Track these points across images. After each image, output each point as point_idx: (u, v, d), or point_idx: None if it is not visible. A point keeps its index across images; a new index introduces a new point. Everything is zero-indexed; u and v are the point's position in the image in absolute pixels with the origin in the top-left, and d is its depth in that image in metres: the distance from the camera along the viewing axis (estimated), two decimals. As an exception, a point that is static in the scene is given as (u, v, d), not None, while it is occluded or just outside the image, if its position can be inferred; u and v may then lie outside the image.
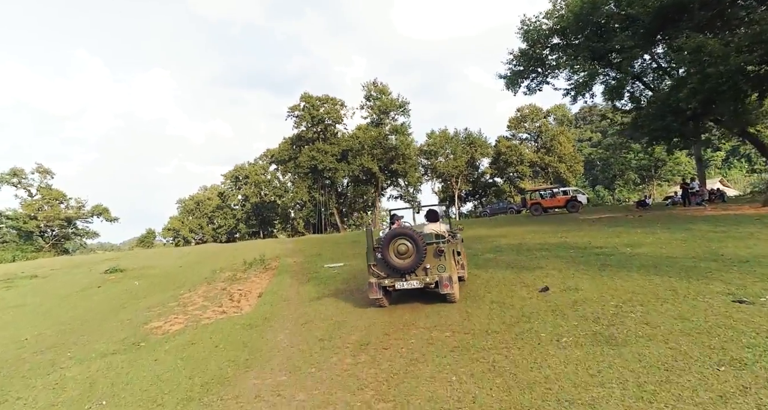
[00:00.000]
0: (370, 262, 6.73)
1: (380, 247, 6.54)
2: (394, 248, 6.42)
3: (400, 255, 6.40)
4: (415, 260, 6.30)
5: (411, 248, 6.34)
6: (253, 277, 11.49)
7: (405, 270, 6.39)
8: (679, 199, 24.80)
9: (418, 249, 6.28)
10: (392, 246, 6.43)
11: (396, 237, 6.43)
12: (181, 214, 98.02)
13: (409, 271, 6.40)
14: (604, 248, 9.76)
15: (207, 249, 24.34)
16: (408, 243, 6.36)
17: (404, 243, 6.38)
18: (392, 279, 6.51)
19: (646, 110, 17.31)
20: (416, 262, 6.31)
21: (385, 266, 6.49)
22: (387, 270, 6.51)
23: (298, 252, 17.79)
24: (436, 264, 6.39)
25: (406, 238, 6.37)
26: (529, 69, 22.28)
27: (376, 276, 6.60)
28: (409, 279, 6.45)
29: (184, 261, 17.85)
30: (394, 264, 6.39)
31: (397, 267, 6.39)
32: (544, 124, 64.43)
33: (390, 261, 6.39)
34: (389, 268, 6.46)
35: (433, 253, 6.40)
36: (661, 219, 15.67)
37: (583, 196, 31.87)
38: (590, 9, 17.91)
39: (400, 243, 6.40)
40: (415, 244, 6.30)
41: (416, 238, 6.31)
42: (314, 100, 52.20)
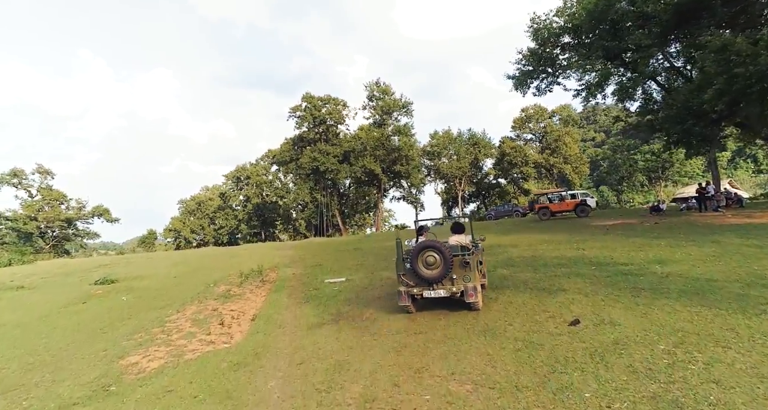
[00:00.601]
0: (399, 272, 7.14)
1: (409, 258, 6.95)
2: (423, 259, 6.80)
3: (428, 265, 6.78)
4: (443, 271, 6.69)
5: (438, 259, 6.73)
6: (248, 293, 10.71)
7: (433, 280, 6.80)
8: (694, 204, 23.91)
9: (445, 260, 6.67)
10: (421, 257, 6.81)
11: (425, 249, 6.82)
12: (183, 215, 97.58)
13: (436, 281, 6.80)
14: (630, 265, 8.93)
15: (205, 254, 23.57)
16: (436, 255, 6.74)
17: (432, 254, 6.76)
18: (420, 288, 6.93)
19: (665, 112, 16.42)
20: (443, 273, 6.70)
21: (414, 276, 6.91)
22: (415, 279, 6.93)
23: (297, 261, 17.01)
24: (461, 274, 6.79)
25: (434, 250, 6.76)
26: (539, 69, 21.42)
27: (405, 285, 7.03)
28: (436, 288, 6.86)
29: (179, 270, 17.08)
30: (423, 275, 6.79)
31: (425, 277, 6.79)
32: (549, 124, 63.52)
33: (419, 272, 6.80)
34: (418, 278, 6.87)
35: (459, 264, 6.79)
36: (681, 228, 14.82)
37: (591, 199, 30.98)
38: (604, 6, 17.04)
39: (428, 255, 6.78)
40: (442, 256, 6.69)
41: (443, 250, 6.69)
42: (316, 101, 51.44)
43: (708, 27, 15.25)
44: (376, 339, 5.99)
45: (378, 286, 9.87)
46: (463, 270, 6.80)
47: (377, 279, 10.87)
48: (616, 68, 18.80)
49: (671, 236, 12.77)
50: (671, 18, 16.57)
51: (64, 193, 68.09)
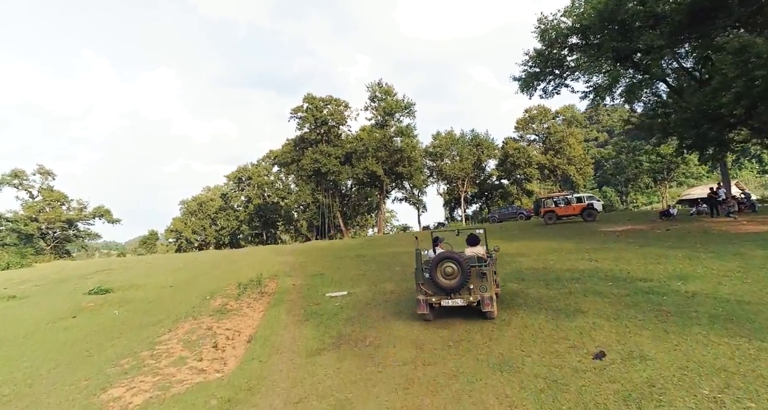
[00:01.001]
0: (419, 281, 7.43)
1: (428, 268, 7.27)
2: (442, 270, 7.11)
3: (446, 276, 7.08)
4: (460, 281, 7.00)
5: (457, 270, 7.03)
6: (245, 307, 10.21)
7: (451, 290, 7.09)
8: (705, 209, 23.33)
9: (463, 271, 6.98)
10: (440, 267, 7.12)
11: (443, 260, 7.13)
12: (184, 215, 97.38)
13: (454, 291, 7.09)
14: (649, 281, 8.39)
15: (204, 260, 23.07)
16: (454, 266, 7.04)
17: (450, 265, 7.07)
18: (439, 297, 7.22)
19: (678, 115, 15.82)
20: (461, 283, 7.01)
21: (433, 285, 7.22)
22: (434, 288, 7.22)
23: (298, 268, 16.52)
24: (478, 284, 7.08)
25: (453, 261, 7.07)
26: (546, 71, 20.84)
27: (424, 294, 7.31)
28: (454, 297, 7.14)
29: (176, 278, 16.59)
30: (442, 284, 7.10)
31: (444, 286, 7.09)
32: (553, 125, 62.88)
33: (438, 282, 7.11)
34: (436, 287, 7.17)
35: (476, 275, 7.08)
36: (696, 237, 14.26)
37: (598, 202, 30.42)
38: (614, 6, 16.47)
39: (446, 266, 7.09)
40: (460, 267, 6.99)
41: (462, 262, 7.01)
42: (317, 101, 50.93)
43: (724, 27, 14.69)
44: (381, 372, 5.47)
45: (381, 302, 9.36)
46: (479, 280, 7.09)
47: (380, 292, 10.36)
48: (626, 70, 18.22)
49: (687, 246, 12.22)
50: (684, 18, 16.00)
51: (65, 194, 67.83)
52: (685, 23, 16.23)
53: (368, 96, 52.72)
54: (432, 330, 6.94)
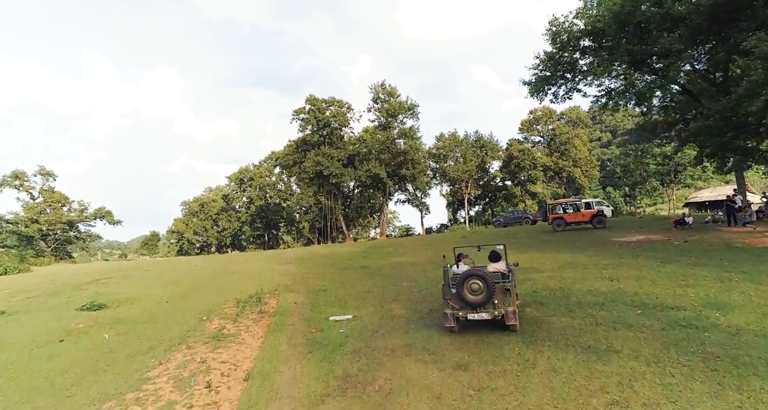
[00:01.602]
0: (446, 297, 7.92)
1: (455, 284, 7.71)
2: (468, 286, 7.56)
3: (473, 292, 7.55)
4: (486, 296, 7.47)
5: (482, 286, 7.49)
6: (243, 332, 9.53)
7: (477, 305, 7.55)
8: (720, 216, 22.56)
9: (488, 287, 7.45)
10: (466, 284, 7.57)
11: (470, 277, 7.59)
12: (186, 216, 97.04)
13: (480, 305, 7.54)
14: (682, 310, 7.69)
15: (202, 270, 22.36)
16: (480, 282, 7.51)
17: (477, 281, 7.53)
18: (465, 311, 7.67)
19: (698, 122, 15.03)
20: (487, 298, 7.48)
21: (459, 300, 7.68)
22: (460, 303, 7.69)
23: (299, 281, 15.85)
24: (502, 299, 7.53)
25: (479, 278, 7.53)
26: (557, 74, 20.08)
27: (451, 309, 7.78)
28: (479, 311, 7.57)
29: (173, 292, 15.93)
30: (468, 299, 7.57)
31: (470, 301, 7.57)
32: (558, 126, 62.06)
33: (465, 297, 7.59)
34: (463, 302, 7.65)
35: (500, 291, 7.55)
36: (719, 252, 13.53)
37: (607, 208, 29.64)
38: (631, 8, 15.72)
39: (473, 282, 7.55)
40: (486, 283, 7.47)
41: (487, 278, 7.51)
42: (320, 103, 50.25)
43: (747, 30, 13.94)
44: None
45: (389, 329, 8.67)
46: (503, 296, 7.56)
47: (387, 316, 9.67)
48: (642, 74, 17.44)
49: (713, 264, 11.49)
50: (703, 20, 15.26)
51: (65, 195, 67.36)
52: (704, 26, 15.48)
53: (371, 97, 52.08)
54: (448, 372, 6.24)
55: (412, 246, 26.42)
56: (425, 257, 19.38)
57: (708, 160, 16.49)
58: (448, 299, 7.85)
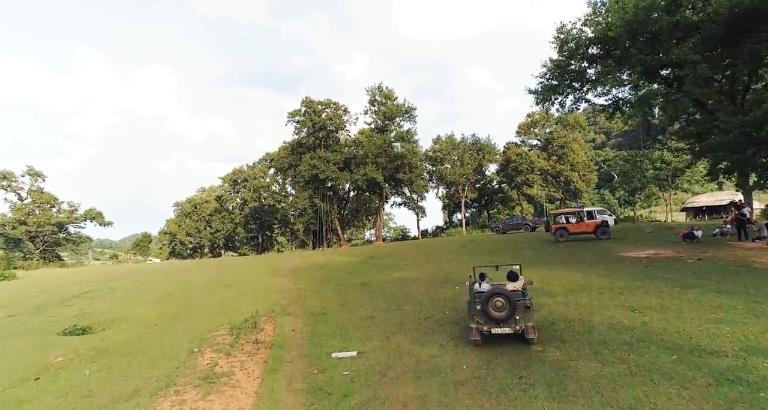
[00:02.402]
0: (471, 313, 8.63)
1: (480, 301, 8.46)
2: (492, 303, 8.29)
3: (497, 309, 8.26)
4: (509, 313, 8.21)
5: (505, 304, 8.22)
6: (238, 370, 8.72)
7: (500, 320, 8.27)
8: (729, 229, 22.01)
9: (511, 304, 8.19)
10: (491, 301, 8.30)
11: (494, 296, 8.33)
12: (178, 217, 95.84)
13: (503, 321, 8.26)
14: (723, 356, 6.98)
15: (194, 284, 21.41)
16: (503, 300, 8.24)
17: (500, 299, 8.27)
18: (489, 326, 8.38)
19: (718, 138, 14.37)
20: (510, 314, 8.22)
21: (484, 315, 8.41)
22: (485, 318, 8.40)
23: (297, 301, 15.05)
24: (523, 316, 8.26)
25: (502, 296, 8.29)
26: (564, 83, 19.38)
27: (476, 324, 8.46)
28: (503, 326, 8.29)
29: (162, 311, 15.09)
30: (493, 315, 8.30)
31: (494, 317, 8.29)
32: (556, 130, 61.56)
33: (490, 313, 8.32)
34: (487, 317, 8.37)
35: (521, 307, 8.27)
36: (740, 273, 12.92)
37: (610, 217, 29.09)
38: (645, 16, 15.04)
39: (496, 299, 8.29)
40: (509, 301, 8.21)
41: (510, 297, 8.28)
42: (316, 105, 49.34)
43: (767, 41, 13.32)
44: None
45: (399, 372, 7.90)
46: (524, 312, 8.30)
47: (395, 353, 8.90)
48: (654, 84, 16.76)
49: (738, 290, 10.83)
50: (720, 30, 14.62)
51: (55, 196, 65.99)
52: (720, 35, 14.85)
53: (368, 99, 51.25)
54: None
55: (411, 256, 25.67)
56: (427, 272, 18.65)
57: (724, 175, 15.77)
58: (473, 315, 8.58)
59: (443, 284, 15.64)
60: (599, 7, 18.65)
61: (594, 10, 18.33)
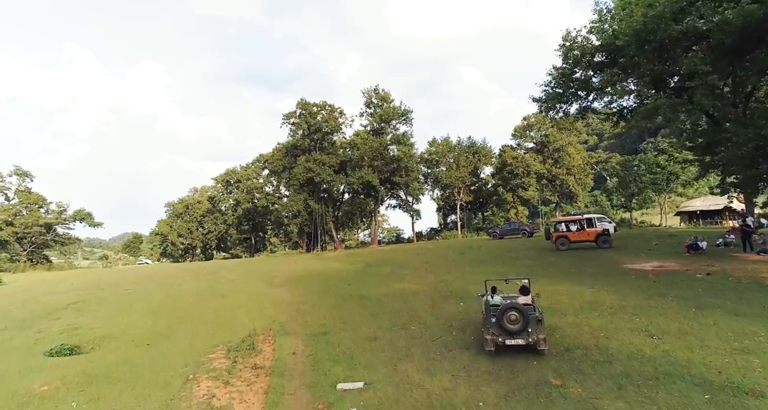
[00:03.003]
0: (488, 325, 9.09)
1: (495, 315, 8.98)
2: (507, 316, 8.81)
3: (511, 321, 8.79)
4: (523, 325, 8.73)
5: (519, 317, 8.76)
6: (237, 404, 8.17)
7: (514, 333, 8.78)
8: (732, 240, 21.73)
9: (524, 318, 8.72)
10: (506, 315, 8.82)
11: (509, 310, 8.87)
12: (170, 218, 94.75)
13: (517, 333, 8.77)
14: (761, 398, 6.55)
15: (186, 293, 20.76)
16: (517, 314, 8.78)
17: (514, 313, 8.81)
18: (504, 337, 8.87)
19: (731, 152, 13.99)
20: (523, 327, 8.73)
21: (499, 328, 8.91)
22: (499, 330, 8.90)
23: (295, 317, 14.52)
24: (535, 328, 8.76)
25: (516, 310, 8.83)
26: (569, 92, 18.96)
27: (491, 335, 8.96)
28: (516, 338, 8.79)
29: (155, 326, 14.48)
30: (507, 328, 8.81)
31: (509, 330, 8.80)
32: (552, 133, 61.38)
33: (504, 326, 8.84)
34: (501, 330, 8.88)
35: (533, 321, 8.78)
36: (752, 290, 12.61)
37: (609, 224, 28.76)
38: (654, 25, 14.65)
39: (511, 313, 8.82)
40: (522, 315, 8.75)
41: (524, 311, 8.79)
42: (311, 107, 48.72)
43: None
44: None
45: (411, 409, 7.40)
46: (536, 325, 8.85)
47: (404, 384, 8.39)
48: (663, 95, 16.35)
49: (757, 313, 10.46)
50: (732, 40, 14.27)
51: (43, 197, 64.69)
52: (731, 46, 14.51)
53: (364, 101, 50.72)
54: None
55: (409, 264, 25.20)
56: (428, 284, 18.16)
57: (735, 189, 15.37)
58: (488, 327, 9.09)
59: (446, 299, 15.17)
60: (605, 14, 18.29)
61: (600, 17, 17.96)
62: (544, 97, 19.64)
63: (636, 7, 15.45)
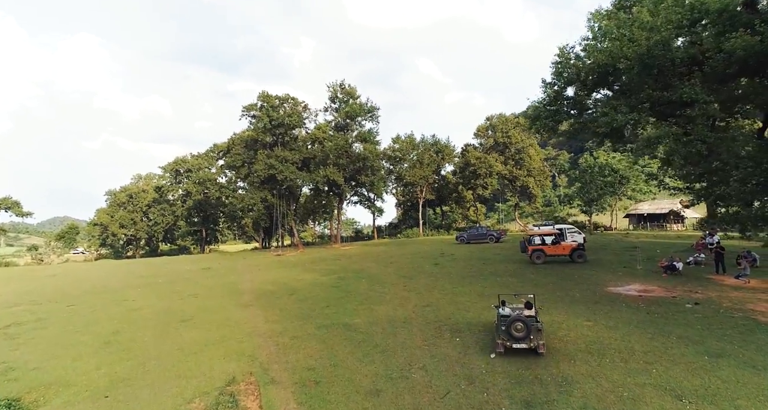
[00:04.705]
0: (499, 332, 11.42)
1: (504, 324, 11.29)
2: (514, 326, 11.14)
3: (517, 330, 11.10)
4: (526, 333, 11.05)
5: (523, 327, 11.10)
6: None
7: (519, 339, 11.07)
8: (702, 259, 22.30)
9: (528, 328, 11.08)
10: (513, 325, 11.16)
11: (515, 321, 11.19)
12: (111, 207, 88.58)
13: (521, 339, 11.07)
14: None
15: (143, 314, 18.64)
16: (522, 324, 11.12)
17: (520, 323, 11.14)
18: (511, 342, 11.16)
19: (731, 187, 13.84)
20: (526, 335, 11.04)
21: (507, 334, 11.17)
22: (507, 336, 11.17)
23: (278, 354, 13.04)
24: (536, 335, 11.09)
25: (521, 322, 11.16)
26: (563, 110, 18.42)
27: (501, 340, 11.24)
28: (521, 343, 11.08)
29: (112, 370, 12.53)
30: (514, 335, 11.10)
31: (515, 337, 11.09)
32: (514, 135, 62.09)
33: (512, 333, 11.12)
34: (509, 336, 11.15)
35: (535, 329, 11.11)
36: (745, 324, 12.54)
37: (580, 236, 29.10)
38: (659, 50, 14.21)
39: (517, 323, 11.15)
40: (526, 325, 11.10)
41: (527, 322, 11.15)
42: (273, 99, 46.15)
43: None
44: None
45: None
46: (537, 333, 11.02)
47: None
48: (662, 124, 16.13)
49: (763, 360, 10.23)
50: (733, 68, 14.09)
51: (-37, 184, 58.04)
52: (731, 74, 14.36)
53: (328, 96, 48.69)
54: None
55: (385, 278, 24.21)
56: (413, 308, 17.17)
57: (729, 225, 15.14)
58: (499, 334, 11.31)
59: (439, 331, 14.19)
60: (597, 31, 17.80)
61: (593, 34, 17.45)
62: (538, 114, 19.00)
63: (637, 30, 14.99)
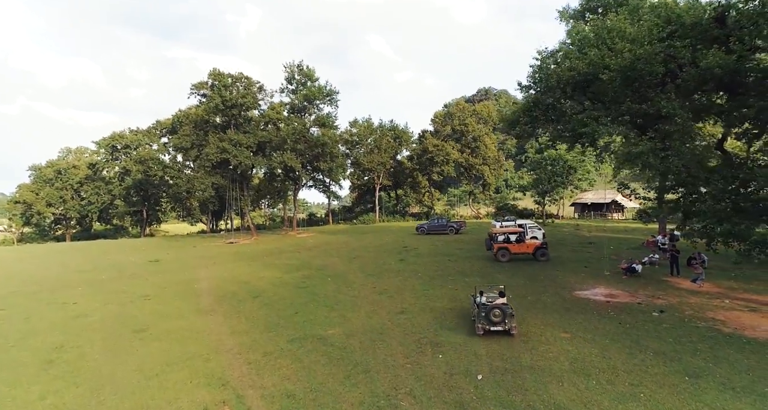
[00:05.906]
0: (479, 318, 13.68)
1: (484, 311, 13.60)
2: (492, 313, 13.39)
3: (494, 316, 13.37)
4: (502, 318, 13.33)
5: (500, 313, 13.36)
6: None
7: (496, 323, 13.38)
8: (657, 260, 23.43)
9: (504, 313, 13.35)
10: (492, 311, 13.42)
11: (494, 309, 13.45)
12: (36, 184, 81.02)
13: (498, 324, 13.37)
14: None
15: (89, 320, 16.86)
16: (499, 310, 13.40)
17: (497, 310, 13.41)
18: (489, 326, 13.45)
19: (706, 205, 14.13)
20: (503, 320, 13.33)
21: (486, 320, 13.46)
22: (486, 321, 13.46)
23: (251, 376, 12.11)
24: (510, 320, 13.42)
25: (498, 309, 13.42)
26: (543, 118, 18.22)
27: (481, 324, 13.52)
28: (497, 326, 13.38)
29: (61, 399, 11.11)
30: (492, 320, 13.39)
31: (493, 321, 13.38)
32: (471, 123, 62.56)
33: (490, 318, 13.39)
34: (488, 321, 13.43)
35: (508, 315, 13.42)
36: (713, 336, 13.10)
37: (540, 231, 29.85)
38: (644, 65, 14.16)
39: (495, 310, 13.41)
40: (502, 312, 13.36)
41: (503, 308, 13.43)
42: (225, 78, 43.23)
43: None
44: None
45: None
46: (511, 318, 13.43)
47: None
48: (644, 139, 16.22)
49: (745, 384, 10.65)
50: (710, 87, 14.36)
51: None
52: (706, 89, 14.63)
53: (285, 76, 46.34)
54: None
55: (352, 277, 23.60)
56: (387, 315, 16.69)
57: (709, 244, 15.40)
58: (479, 319, 13.54)
59: (419, 345, 13.71)
60: (576, 37, 17.61)
61: (573, 40, 17.25)
62: (515, 118, 18.75)
63: (621, 42, 14.89)
